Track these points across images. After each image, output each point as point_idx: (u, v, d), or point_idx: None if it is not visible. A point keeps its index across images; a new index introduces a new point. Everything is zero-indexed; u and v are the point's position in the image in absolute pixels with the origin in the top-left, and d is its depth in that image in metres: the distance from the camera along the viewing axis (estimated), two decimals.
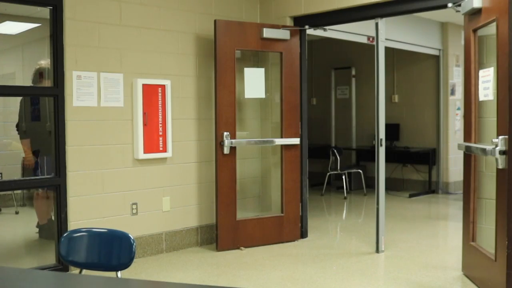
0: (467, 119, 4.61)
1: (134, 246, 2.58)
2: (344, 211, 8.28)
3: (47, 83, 5.06)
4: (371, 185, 8.22)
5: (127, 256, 2.58)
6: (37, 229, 5.65)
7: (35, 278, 2.14)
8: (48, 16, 4.76)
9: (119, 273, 2.61)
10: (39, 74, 5.31)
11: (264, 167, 6.43)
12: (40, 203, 5.81)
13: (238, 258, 5.34)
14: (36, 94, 5.38)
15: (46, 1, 4.71)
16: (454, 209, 7.99)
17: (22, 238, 6.02)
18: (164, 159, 5.44)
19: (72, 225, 4.79)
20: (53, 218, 5.08)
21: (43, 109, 5.58)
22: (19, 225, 6.44)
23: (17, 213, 6.50)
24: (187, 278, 4.73)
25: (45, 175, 5.32)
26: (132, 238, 2.60)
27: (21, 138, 5.60)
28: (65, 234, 2.70)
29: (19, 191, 6.40)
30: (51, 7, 4.72)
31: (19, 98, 5.62)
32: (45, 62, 5.27)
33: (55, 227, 4.85)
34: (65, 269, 4.70)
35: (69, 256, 2.65)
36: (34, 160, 5.50)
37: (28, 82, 5.51)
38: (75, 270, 4.72)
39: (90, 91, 4.90)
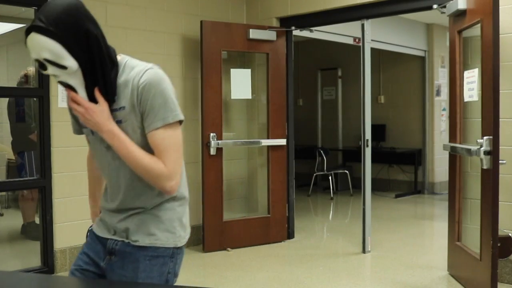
0: (452, 120, 4.64)
1: None
2: (331, 211, 8.30)
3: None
4: (357, 185, 8.23)
5: None
6: (22, 234, 5.62)
7: (19, 281, 2.12)
8: (32, 17, 4.72)
9: None
10: (26, 78, 5.27)
11: (251, 168, 6.42)
12: (25, 204, 5.77)
13: (224, 259, 5.33)
14: (21, 95, 5.34)
15: (30, 1, 4.67)
16: (439, 209, 8.04)
17: (6, 240, 5.96)
18: None
19: (57, 227, 4.75)
20: (36, 220, 5.04)
21: (28, 110, 5.53)
22: (4, 227, 6.39)
23: (1, 215, 6.44)
24: None
25: (28, 176, 5.28)
26: None
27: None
28: None
29: (3, 193, 6.34)
30: (36, 8, 4.68)
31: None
32: (33, 69, 5.23)
33: (40, 229, 4.81)
34: (50, 271, 4.66)
35: None
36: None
37: (12, 83, 5.46)
38: (60, 273, 4.69)
39: None
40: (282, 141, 5.92)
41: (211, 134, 5.52)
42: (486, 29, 3.84)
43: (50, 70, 1.87)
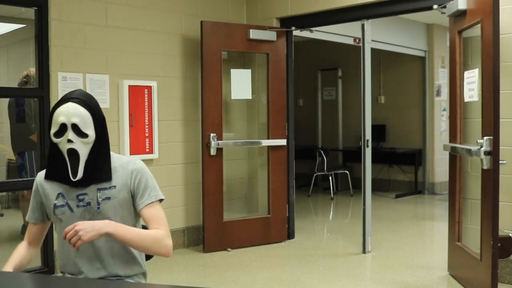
0: (453, 120, 4.64)
1: None
2: (331, 212, 8.30)
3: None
4: (357, 186, 8.23)
5: None
6: (22, 235, 5.61)
7: (19, 281, 2.12)
8: (33, 17, 4.72)
9: None
10: (27, 78, 5.26)
11: (251, 168, 6.42)
12: (25, 204, 5.76)
13: (225, 259, 5.33)
14: (21, 95, 5.33)
15: (31, 1, 4.67)
16: (440, 209, 8.04)
17: (6, 240, 5.96)
18: (151, 160, 5.42)
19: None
20: None
21: (28, 110, 5.53)
22: (4, 227, 6.39)
23: (1, 215, 6.44)
24: (174, 279, 4.71)
25: (28, 176, 5.27)
26: None
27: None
28: None
29: (3, 193, 6.33)
30: (36, 8, 4.68)
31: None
32: (34, 69, 5.23)
33: None
34: (50, 271, 4.66)
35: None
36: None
37: (13, 84, 5.46)
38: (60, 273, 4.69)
39: None
40: (282, 142, 5.92)
41: (211, 134, 5.52)
42: (486, 29, 3.84)
43: (70, 135, 2.22)
